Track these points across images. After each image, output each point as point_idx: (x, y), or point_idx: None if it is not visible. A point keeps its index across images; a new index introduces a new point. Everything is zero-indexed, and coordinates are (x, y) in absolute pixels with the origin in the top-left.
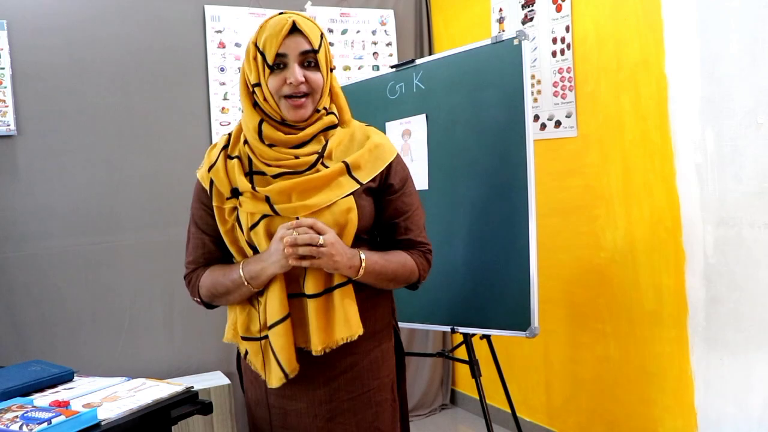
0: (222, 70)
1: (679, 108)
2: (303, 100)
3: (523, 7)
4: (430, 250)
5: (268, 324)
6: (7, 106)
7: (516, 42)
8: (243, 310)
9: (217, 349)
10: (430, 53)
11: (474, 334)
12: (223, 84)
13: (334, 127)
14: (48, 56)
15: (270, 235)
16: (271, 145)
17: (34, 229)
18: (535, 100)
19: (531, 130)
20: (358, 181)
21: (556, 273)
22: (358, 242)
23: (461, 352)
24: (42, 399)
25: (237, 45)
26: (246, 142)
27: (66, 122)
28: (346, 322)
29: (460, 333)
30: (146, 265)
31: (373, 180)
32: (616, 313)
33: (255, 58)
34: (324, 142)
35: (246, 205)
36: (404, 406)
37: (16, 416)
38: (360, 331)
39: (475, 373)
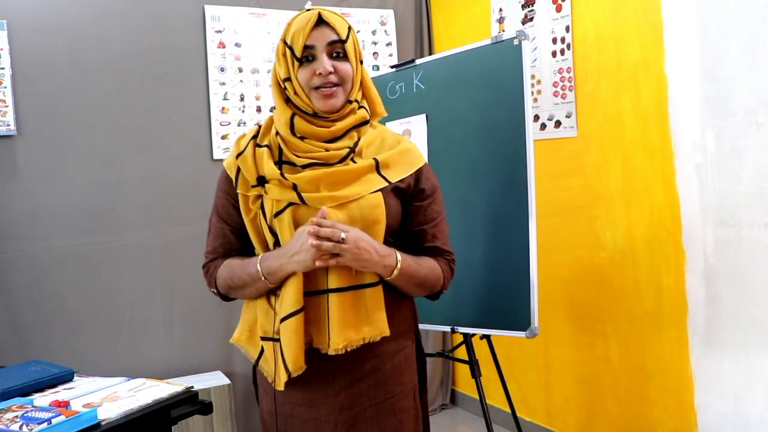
0: (222, 70)
1: (679, 108)
2: (334, 89)
3: (523, 7)
4: (454, 260)
5: (281, 317)
6: (7, 106)
7: (516, 42)
8: (262, 311)
9: (217, 349)
10: (430, 53)
11: (474, 334)
12: (223, 84)
13: (366, 122)
14: (48, 56)
15: (296, 224)
16: (302, 138)
17: (34, 229)
18: (535, 100)
19: (531, 130)
20: (386, 179)
21: (556, 273)
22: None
23: (461, 352)
24: (42, 399)
25: (237, 45)
26: (277, 133)
27: (66, 122)
28: (373, 321)
29: (460, 333)
30: (146, 265)
31: (401, 181)
32: (616, 313)
33: (284, 54)
34: (356, 139)
35: (272, 192)
36: (426, 416)
37: (16, 416)
38: (386, 332)
39: (475, 373)
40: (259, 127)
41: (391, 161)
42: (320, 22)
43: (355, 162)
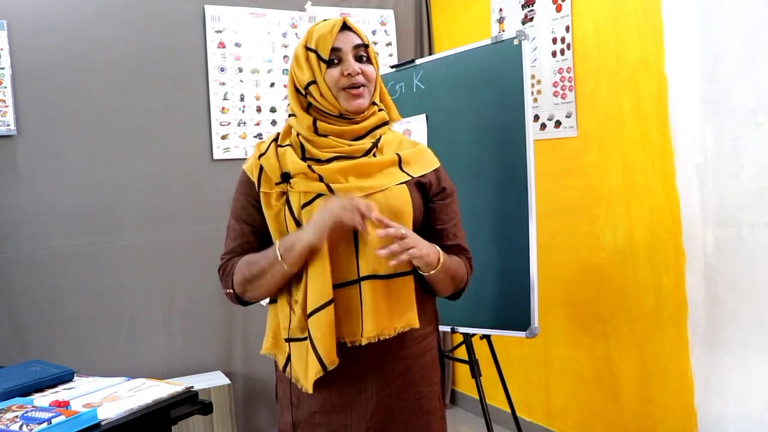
0: (222, 70)
1: (679, 108)
2: (361, 90)
3: (523, 7)
4: (472, 258)
5: (308, 311)
6: (7, 106)
7: (516, 42)
8: (284, 314)
9: (217, 349)
10: (430, 53)
11: (474, 334)
12: (223, 84)
13: (386, 123)
14: (48, 56)
15: None
16: (325, 136)
17: (34, 229)
18: (535, 100)
19: (531, 130)
20: (409, 174)
21: (556, 273)
22: None
23: (461, 352)
24: (42, 399)
25: (237, 45)
26: (298, 134)
27: (66, 122)
28: (404, 311)
29: (460, 333)
30: (146, 265)
31: (423, 177)
32: (616, 313)
33: (307, 59)
34: (377, 137)
35: (299, 185)
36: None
37: (16, 416)
38: (416, 323)
39: (475, 373)
40: (278, 133)
41: (411, 159)
42: (344, 27)
43: (377, 157)
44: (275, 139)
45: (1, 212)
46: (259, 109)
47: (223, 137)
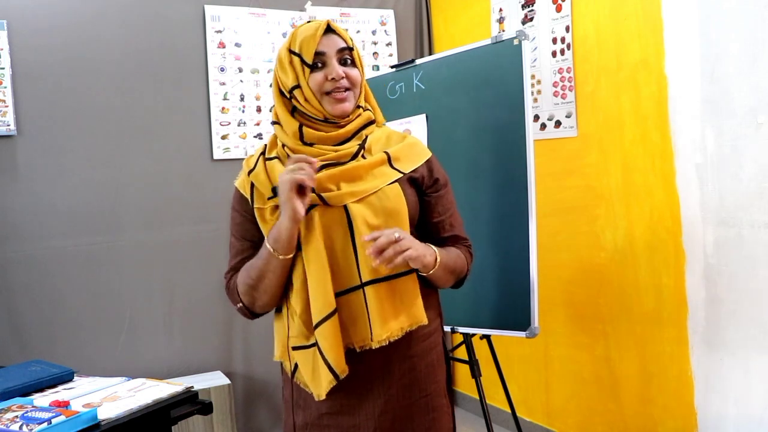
0: (222, 70)
1: (679, 108)
2: (345, 94)
3: (523, 7)
4: (471, 245)
5: (314, 323)
6: (7, 106)
7: (516, 42)
8: (289, 321)
9: (217, 349)
10: (430, 53)
11: (474, 334)
12: (223, 84)
13: (372, 122)
14: (48, 56)
15: (324, 224)
16: (311, 144)
17: (34, 229)
18: (535, 100)
19: (531, 130)
20: (400, 171)
21: (556, 273)
22: None
23: (461, 352)
24: (42, 399)
25: (237, 45)
26: (284, 145)
27: (66, 122)
28: (410, 310)
29: (460, 333)
30: (146, 265)
31: (414, 171)
32: (616, 313)
33: (291, 63)
34: (363, 138)
35: None
36: (453, 415)
37: (16, 416)
38: (424, 320)
39: (475, 373)
40: (265, 145)
41: (401, 154)
42: (328, 30)
43: (365, 158)
44: (263, 153)
45: (1, 212)
46: (259, 109)
47: (223, 137)
